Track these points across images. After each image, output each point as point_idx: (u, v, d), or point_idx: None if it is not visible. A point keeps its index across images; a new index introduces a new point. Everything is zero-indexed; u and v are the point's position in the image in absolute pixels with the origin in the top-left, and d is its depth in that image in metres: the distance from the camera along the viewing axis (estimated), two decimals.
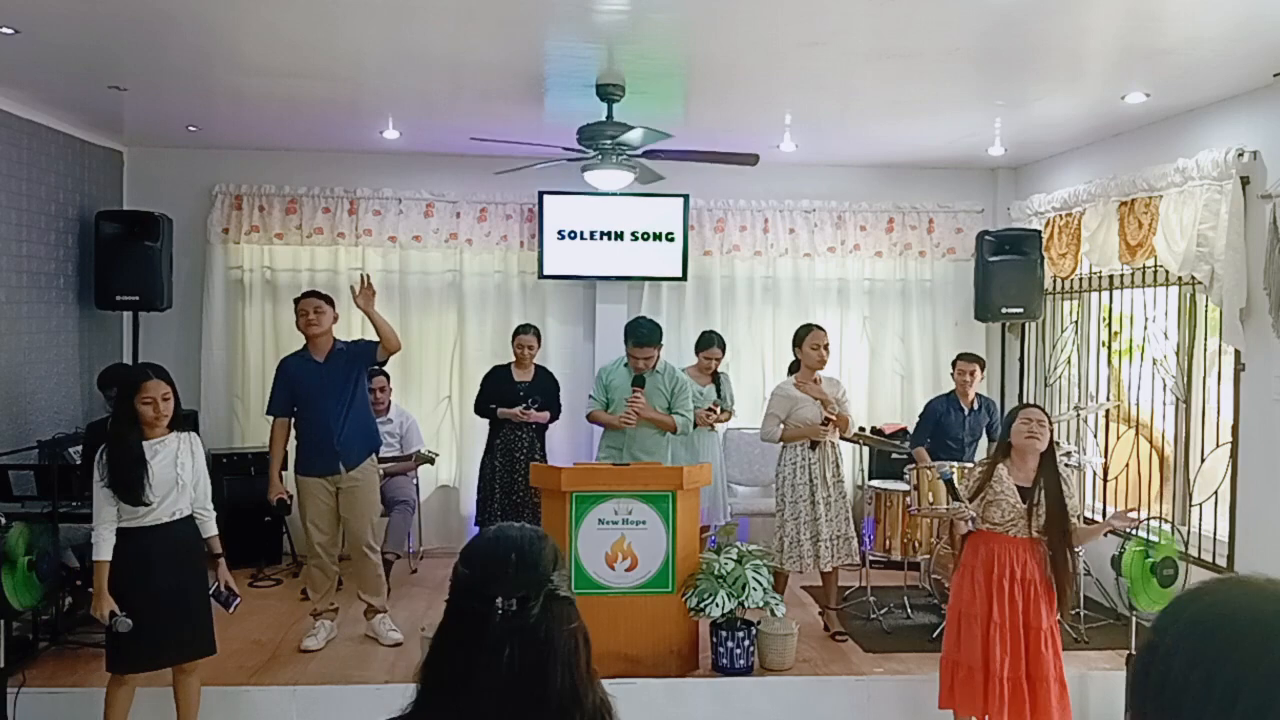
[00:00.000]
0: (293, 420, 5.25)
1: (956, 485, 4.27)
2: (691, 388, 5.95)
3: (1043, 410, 4.32)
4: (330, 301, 5.27)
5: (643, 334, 5.60)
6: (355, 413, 5.26)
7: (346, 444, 5.20)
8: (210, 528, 4.16)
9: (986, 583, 4.14)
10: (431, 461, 6.80)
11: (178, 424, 4.05)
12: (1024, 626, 4.12)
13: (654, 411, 5.56)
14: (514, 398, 6.17)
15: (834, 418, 5.32)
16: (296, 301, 5.32)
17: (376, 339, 5.17)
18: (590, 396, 5.86)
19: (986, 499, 4.19)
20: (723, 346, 6.20)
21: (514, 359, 6.34)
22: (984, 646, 4.11)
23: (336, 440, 5.17)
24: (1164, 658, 0.90)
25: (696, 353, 6.22)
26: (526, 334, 6.34)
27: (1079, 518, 4.29)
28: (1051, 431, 4.24)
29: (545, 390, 6.25)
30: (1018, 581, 4.13)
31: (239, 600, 4.26)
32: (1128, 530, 4.57)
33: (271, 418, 5.34)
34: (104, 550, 3.88)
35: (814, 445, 5.36)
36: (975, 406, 6.19)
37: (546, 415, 6.18)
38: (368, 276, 5.31)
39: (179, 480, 3.97)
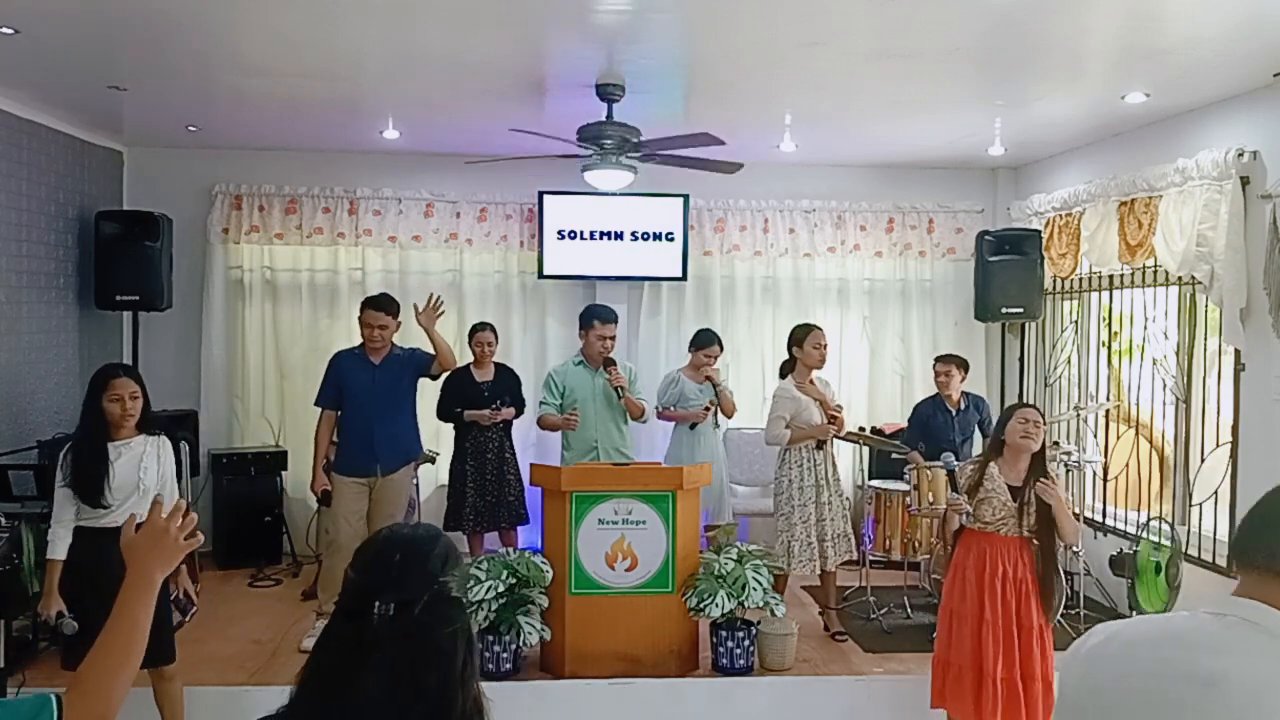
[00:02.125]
0: (338, 415, 5.31)
1: (957, 477, 4.25)
2: (686, 384, 5.98)
3: (1038, 411, 4.30)
4: (394, 311, 5.28)
5: (606, 312, 5.83)
6: (400, 419, 5.31)
7: (385, 448, 5.24)
8: None
9: (978, 582, 4.14)
10: (433, 461, 6.79)
11: (147, 426, 3.98)
12: (1016, 626, 4.11)
13: (630, 397, 5.71)
14: (479, 399, 6.09)
15: (838, 415, 5.35)
16: (362, 309, 5.31)
17: (432, 351, 5.25)
18: (541, 402, 5.83)
19: (979, 499, 4.18)
20: (721, 345, 6.07)
21: (473, 359, 6.23)
22: (976, 646, 4.10)
23: (376, 443, 5.20)
24: None
25: (693, 350, 6.06)
26: (484, 331, 6.24)
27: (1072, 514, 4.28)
28: (1045, 432, 4.23)
29: (509, 388, 6.20)
30: (1009, 581, 4.13)
31: (195, 610, 4.16)
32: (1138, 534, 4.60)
33: (319, 409, 5.38)
34: (58, 549, 3.81)
35: (820, 445, 5.36)
36: (963, 406, 6.18)
37: (514, 412, 6.17)
38: (438, 298, 5.31)
39: (140, 484, 3.89)
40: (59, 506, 3.85)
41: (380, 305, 5.29)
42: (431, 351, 5.28)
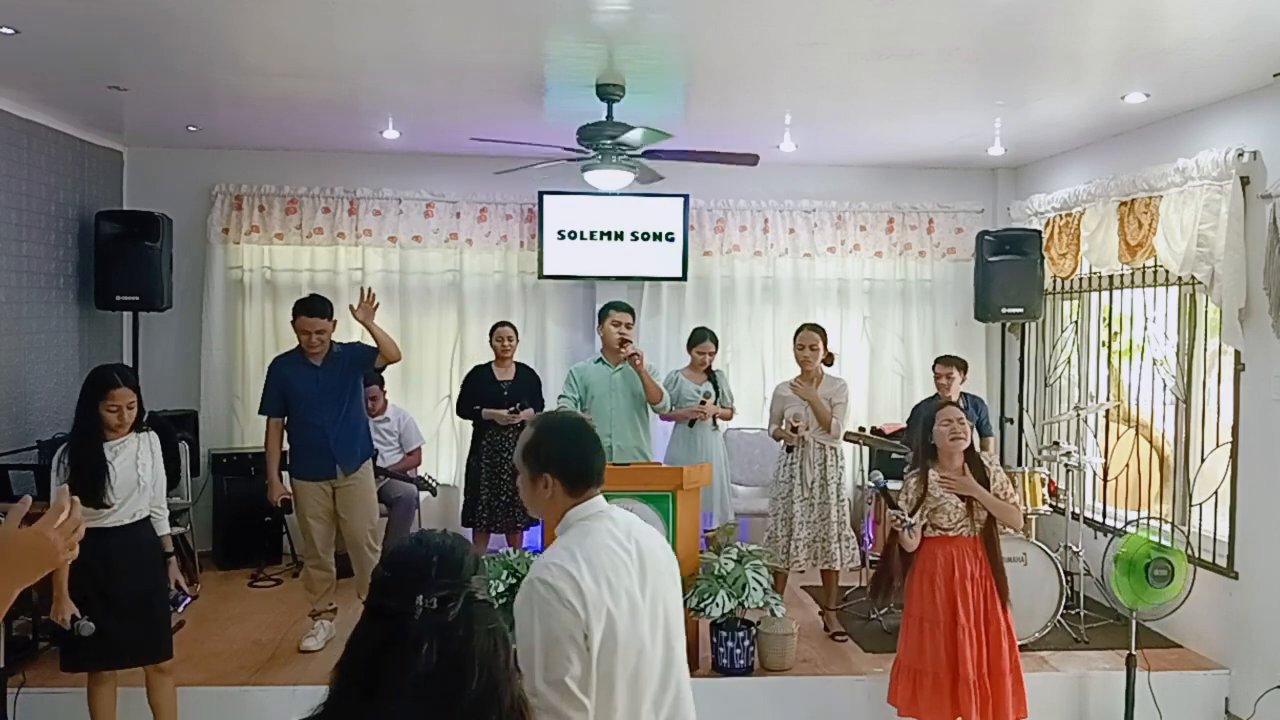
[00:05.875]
0: (285, 421, 5.23)
1: (892, 495, 4.26)
2: (685, 384, 6.00)
3: (958, 406, 4.35)
4: (329, 314, 5.14)
5: (618, 301, 5.92)
6: (351, 418, 5.22)
7: (342, 449, 5.17)
8: (164, 526, 4.14)
9: (948, 587, 4.14)
10: (434, 492, 6.72)
11: (137, 424, 4.05)
12: (984, 623, 4.14)
13: (646, 374, 5.69)
14: (498, 398, 6.11)
15: (786, 429, 5.35)
16: (294, 316, 5.15)
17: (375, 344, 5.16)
18: (560, 396, 5.84)
19: (930, 507, 4.19)
20: (715, 341, 6.14)
21: (494, 356, 6.28)
22: (952, 650, 4.10)
23: (332, 445, 5.14)
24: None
25: (689, 349, 6.13)
26: (503, 328, 6.30)
27: (1008, 497, 4.24)
28: (972, 428, 4.29)
29: (528, 389, 6.24)
30: (975, 581, 4.15)
31: (189, 600, 4.19)
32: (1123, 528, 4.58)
33: (265, 418, 5.28)
34: None
35: (789, 448, 5.42)
36: (962, 406, 6.16)
37: (533, 413, 6.18)
38: (371, 291, 5.25)
39: (140, 481, 3.98)
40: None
41: (315, 310, 5.11)
42: (372, 344, 5.17)
